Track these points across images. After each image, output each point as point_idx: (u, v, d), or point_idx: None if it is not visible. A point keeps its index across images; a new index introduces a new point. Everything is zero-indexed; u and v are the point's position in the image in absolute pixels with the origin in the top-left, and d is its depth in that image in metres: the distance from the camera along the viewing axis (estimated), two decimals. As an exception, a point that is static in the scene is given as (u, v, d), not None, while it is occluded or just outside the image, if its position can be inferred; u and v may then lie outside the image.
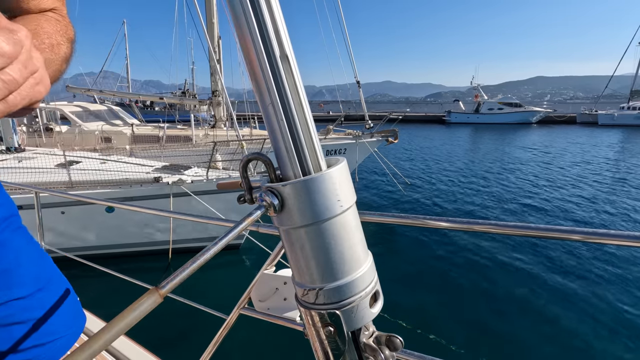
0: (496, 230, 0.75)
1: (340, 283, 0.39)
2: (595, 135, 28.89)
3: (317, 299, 0.40)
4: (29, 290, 0.66)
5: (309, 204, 0.37)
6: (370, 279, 0.41)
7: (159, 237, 6.26)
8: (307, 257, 0.39)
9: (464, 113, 45.98)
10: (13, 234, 0.68)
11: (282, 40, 0.37)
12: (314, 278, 0.39)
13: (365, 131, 10.97)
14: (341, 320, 0.39)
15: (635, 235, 0.66)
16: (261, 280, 0.94)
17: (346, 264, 0.39)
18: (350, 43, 11.54)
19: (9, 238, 0.66)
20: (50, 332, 0.67)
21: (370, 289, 0.40)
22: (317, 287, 0.39)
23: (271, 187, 0.37)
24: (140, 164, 6.71)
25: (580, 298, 5.20)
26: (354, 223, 0.40)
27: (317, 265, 0.39)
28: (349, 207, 0.39)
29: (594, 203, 9.94)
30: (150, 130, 11.43)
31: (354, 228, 0.40)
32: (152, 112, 28.24)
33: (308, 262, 0.39)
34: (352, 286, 0.39)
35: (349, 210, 0.39)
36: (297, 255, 0.40)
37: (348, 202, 0.39)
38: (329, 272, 0.39)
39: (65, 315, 0.71)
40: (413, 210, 9.56)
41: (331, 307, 0.39)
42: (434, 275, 5.94)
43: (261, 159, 0.39)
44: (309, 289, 0.40)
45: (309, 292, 0.40)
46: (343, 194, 0.38)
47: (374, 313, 0.41)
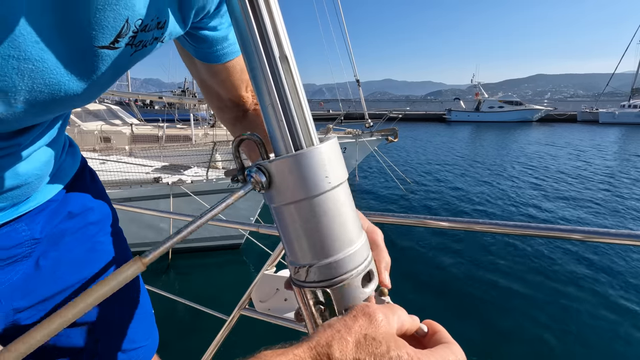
0: (496, 230, 0.75)
1: (331, 260, 0.38)
2: (597, 134, 28.87)
3: (308, 277, 0.40)
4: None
5: (296, 181, 0.37)
6: (363, 258, 0.41)
7: (158, 237, 6.27)
8: (297, 234, 0.39)
9: (465, 111, 45.98)
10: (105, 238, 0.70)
11: (282, 41, 0.37)
12: (305, 255, 0.39)
13: (365, 130, 10.94)
14: (332, 298, 0.39)
15: (636, 234, 0.66)
16: (262, 280, 0.94)
17: (337, 241, 0.39)
18: (349, 41, 11.52)
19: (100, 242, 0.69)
20: (131, 340, 0.70)
21: (362, 267, 0.40)
22: (308, 264, 0.39)
23: (259, 165, 0.38)
24: (139, 164, 6.71)
25: (579, 298, 5.21)
26: (346, 201, 0.40)
27: (308, 242, 0.39)
28: (339, 183, 0.39)
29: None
30: (149, 129, 11.42)
31: (346, 206, 0.40)
32: (152, 111, 28.25)
33: (299, 239, 0.39)
34: (343, 264, 0.39)
35: (340, 187, 0.39)
36: (288, 232, 0.40)
37: (338, 178, 0.38)
38: (319, 249, 0.39)
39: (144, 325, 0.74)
40: (413, 210, 9.56)
41: (322, 285, 0.39)
42: (434, 275, 5.95)
43: (252, 138, 0.39)
44: (300, 267, 0.40)
45: (300, 270, 0.40)
46: (332, 170, 0.38)
47: (367, 292, 0.41)
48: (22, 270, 0.58)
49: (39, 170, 0.56)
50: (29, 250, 0.58)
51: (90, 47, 0.40)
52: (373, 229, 0.48)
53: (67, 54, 0.39)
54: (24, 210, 0.57)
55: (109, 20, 0.39)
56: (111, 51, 0.42)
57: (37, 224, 0.59)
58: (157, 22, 0.46)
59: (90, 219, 0.68)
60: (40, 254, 0.60)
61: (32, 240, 0.59)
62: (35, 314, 0.60)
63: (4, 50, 0.34)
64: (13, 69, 0.35)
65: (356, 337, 0.30)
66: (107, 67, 0.44)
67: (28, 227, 0.58)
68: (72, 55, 0.39)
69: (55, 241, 0.62)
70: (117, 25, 0.40)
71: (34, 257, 0.59)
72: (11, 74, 0.36)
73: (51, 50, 0.37)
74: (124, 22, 0.41)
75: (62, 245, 0.62)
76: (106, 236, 0.70)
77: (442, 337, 0.36)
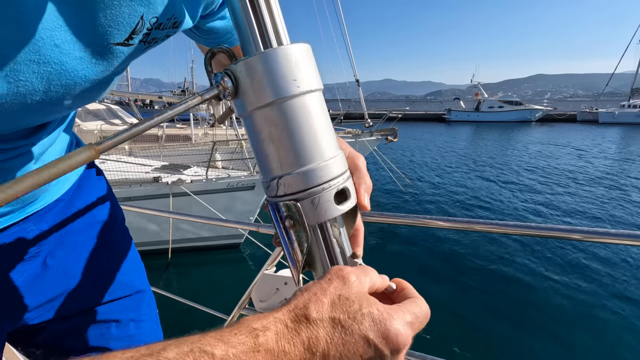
0: (496, 230, 0.75)
1: (300, 171, 0.38)
2: (597, 134, 28.88)
3: (278, 190, 0.39)
4: (129, 291, 0.70)
5: (262, 82, 0.36)
6: (337, 174, 0.40)
7: (158, 236, 6.26)
8: (266, 144, 0.38)
9: (465, 111, 45.98)
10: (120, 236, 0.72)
11: (282, 41, 0.38)
12: (274, 167, 0.39)
13: (365, 130, 10.94)
14: (302, 212, 0.38)
15: (636, 234, 0.66)
16: (262, 280, 0.94)
17: (306, 151, 0.38)
18: (349, 41, 11.52)
19: (115, 240, 0.71)
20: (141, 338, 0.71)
21: (334, 182, 0.39)
22: (277, 176, 0.39)
23: (226, 69, 0.37)
24: (139, 164, 6.70)
25: (580, 297, 5.21)
26: (319, 113, 0.39)
27: (277, 151, 0.38)
28: (309, 90, 0.37)
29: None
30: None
31: (319, 118, 0.39)
32: (152, 111, 28.23)
33: (269, 149, 0.38)
34: (313, 175, 0.38)
35: (311, 96, 0.38)
36: (258, 144, 0.39)
37: (308, 84, 0.37)
38: (289, 159, 0.38)
39: (154, 322, 0.75)
40: (413, 210, 9.57)
41: (291, 198, 0.39)
42: (434, 275, 5.95)
43: (223, 49, 0.39)
44: (270, 180, 0.39)
45: (271, 184, 0.39)
46: (301, 74, 0.37)
47: (341, 210, 0.40)
48: (30, 270, 0.58)
49: None
50: (37, 249, 0.59)
51: (106, 45, 0.40)
52: (355, 154, 0.48)
53: (84, 54, 0.39)
54: (32, 210, 0.57)
55: (124, 17, 0.39)
56: (125, 48, 0.43)
57: (45, 224, 0.60)
58: (173, 21, 0.47)
59: (97, 217, 0.68)
60: (48, 253, 0.60)
61: (40, 241, 0.59)
62: (43, 313, 0.60)
63: (25, 55, 0.34)
64: (33, 73, 0.36)
65: (331, 298, 0.33)
66: (119, 63, 0.44)
67: (36, 227, 0.58)
68: (88, 55, 0.40)
69: (63, 240, 0.62)
70: (132, 21, 0.40)
71: (42, 257, 0.59)
72: (31, 78, 0.36)
73: (69, 52, 0.37)
74: (139, 19, 0.41)
75: (69, 245, 0.63)
76: (113, 235, 0.71)
77: (409, 293, 0.39)
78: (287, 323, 0.31)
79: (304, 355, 0.29)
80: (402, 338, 0.32)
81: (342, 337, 0.31)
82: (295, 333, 0.30)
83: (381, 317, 0.32)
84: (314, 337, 0.30)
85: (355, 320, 0.31)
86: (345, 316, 0.31)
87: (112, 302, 0.67)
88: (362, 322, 0.31)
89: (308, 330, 0.30)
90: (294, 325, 0.31)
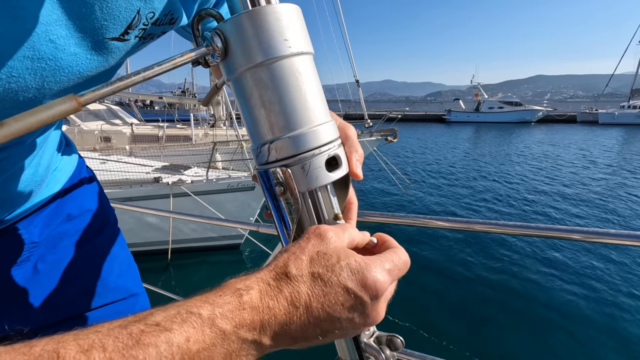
0: (496, 230, 0.75)
1: (291, 135, 0.36)
2: (597, 135, 28.88)
3: (270, 156, 0.38)
4: (122, 295, 0.69)
5: (252, 40, 0.35)
6: (327, 140, 0.39)
7: (158, 237, 6.26)
8: (257, 108, 0.37)
9: (464, 112, 46.00)
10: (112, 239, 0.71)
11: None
12: (264, 131, 0.37)
13: (365, 130, 10.94)
14: (292, 177, 0.38)
15: (636, 234, 0.66)
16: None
17: (297, 114, 0.36)
18: (349, 42, 11.52)
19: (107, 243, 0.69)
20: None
21: (325, 148, 0.38)
22: (268, 141, 0.37)
23: (215, 27, 0.36)
24: (140, 164, 6.70)
25: (580, 297, 5.21)
26: (310, 77, 0.37)
27: (267, 115, 0.37)
28: (301, 52, 0.36)
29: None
30: (149, 129, 11.41)
31: (310, 81, 0.37)
32: (152, 111, 28.25)
33: (258, 114, 0.37)
34: (303, 140, 0.37)
35: (302, 58, 0.37)
36: (248, 108, 0.38)
37: (299, 46, 0.36)
38: (279, 123, 0.37)
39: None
40: (413, 210, 9.56)
41: (281, 164, 0.38)
42: (435, 274, 5.94)
43: (211, 13, 0.38)
44: (261, 145, 0.38)
45: (262, 149, 0.38)
46: (292, 34, 0.36)
47: (332, 177, 0.39)
48: (20, 275, 0.57)
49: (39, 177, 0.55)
50: (27, 254, 0.57)
51: (102, 40, 0.40)
52: (345, 124, 0.48)
53: (79, 50, 0.38)
54: (21, 212, 0.56)
55: (120, 10, 0.38)
56: (121, 43, 0.42)
57: (35, 227, 0.58)
58: (170, 17, 0.46)
59: (88, 220, 0.67)
60: (39, 257, 0.59)
61: (31, 244, 0.58)
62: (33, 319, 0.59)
63: (20, 51, 0.33)
64: (27, 70, 0.35)
65: (310, 255, 0.34)
66: (115, 59, 0.43)
67: (26, 231, 0.57)
68: (83, 51, 0.39)
69: (54, 244, 0.61)
70: (128, 15, 0.40)
71: (32, 261, 0.58)
72: (24, 74, 0.35)
73: (64, 47, 0.37)
74: (135, 13, 0.40)
75: (60, 249, 0.61)
76: (105, 238, 0.69)
77: (389, 245, 0.40)
78: (269, 282, 0.32)
79: (287, 309, 0.31)
80: (380, 284, 0.33)
81: (323, 289, 0.32)
82: (277, 290, 0.31)
83: (359, 267, 0.33)
84: (296, 292, 0.31)
85: (333, 272, 0.33)
86: (324, 270, 0.33)
87: (105, 307, 0.66)
88: (341, 273, 0.33)
89: (289, 287, 0.31)
90: (276, 283, 0.32)
